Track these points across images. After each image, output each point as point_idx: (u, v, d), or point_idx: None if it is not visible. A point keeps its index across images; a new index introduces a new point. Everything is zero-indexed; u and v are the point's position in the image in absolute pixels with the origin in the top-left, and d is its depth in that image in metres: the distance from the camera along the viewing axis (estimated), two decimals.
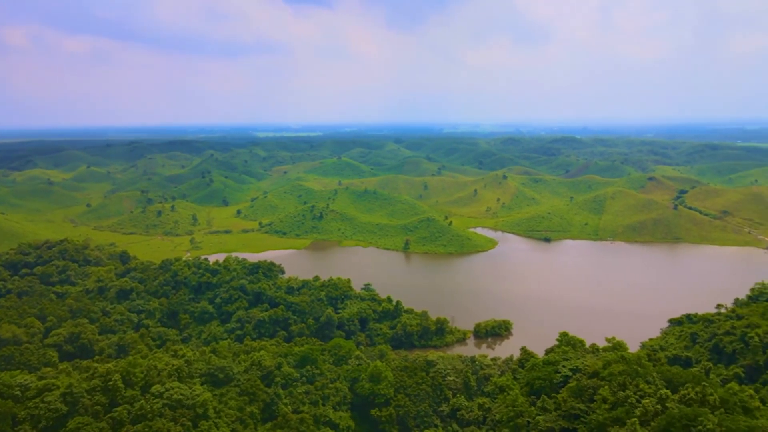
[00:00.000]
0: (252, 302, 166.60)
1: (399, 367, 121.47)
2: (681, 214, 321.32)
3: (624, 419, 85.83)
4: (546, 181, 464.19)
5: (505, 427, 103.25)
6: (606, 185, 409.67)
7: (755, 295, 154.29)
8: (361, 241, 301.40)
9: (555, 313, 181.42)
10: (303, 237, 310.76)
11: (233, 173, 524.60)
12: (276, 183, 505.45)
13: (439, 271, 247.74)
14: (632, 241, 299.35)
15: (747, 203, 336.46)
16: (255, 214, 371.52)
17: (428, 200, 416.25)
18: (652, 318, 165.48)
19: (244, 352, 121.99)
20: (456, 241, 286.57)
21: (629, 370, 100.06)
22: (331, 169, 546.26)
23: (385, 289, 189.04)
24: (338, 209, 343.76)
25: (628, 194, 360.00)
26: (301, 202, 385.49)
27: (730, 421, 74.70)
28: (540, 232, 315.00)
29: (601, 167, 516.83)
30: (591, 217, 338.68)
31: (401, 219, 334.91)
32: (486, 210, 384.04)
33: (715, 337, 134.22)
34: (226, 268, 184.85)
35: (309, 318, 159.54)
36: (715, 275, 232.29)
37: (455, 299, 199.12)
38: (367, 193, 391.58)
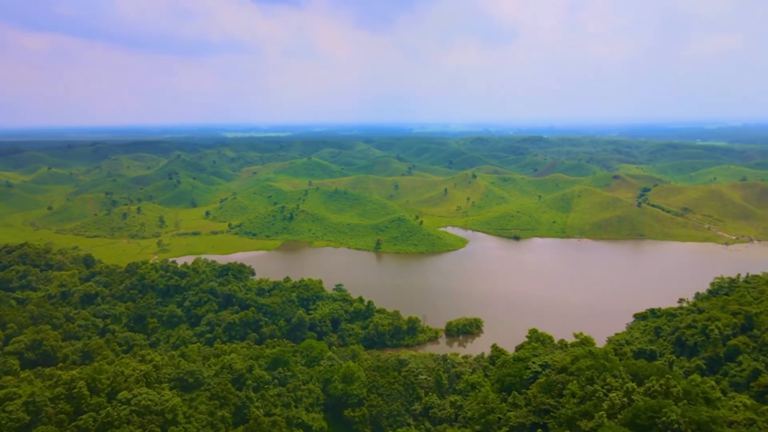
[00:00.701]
0: (222, 305, 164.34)
1: (371, 367, 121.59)
2: (644, 212, 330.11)
3: (592, 413, 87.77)
4: (515, 180, 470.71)
5: (476, 423, 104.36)
6: (573, 184, 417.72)
7: (715, 289, 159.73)
8: (332, 242, 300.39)
9: (525, 310, 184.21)
10: (273, 238, 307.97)
11: (201, 174, 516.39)
12: (245, 184, 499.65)
13: (410, 270, 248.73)
14: (598, 239, 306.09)
15: (706, 200, 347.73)
16: (224, 215, 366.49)
17: (399, 200, 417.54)
18: (618, 313, 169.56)
19: (215, 356, 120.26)
20: (427, 241, 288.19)
21: (597, 364, 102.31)
22: (302, 169, 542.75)
23: (356, 289, 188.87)
24: (309, 210, 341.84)
25: (594, 192, 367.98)
26: (271, 202, 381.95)
27: (693, 411, 77.13)
28: (509, 230, 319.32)
29: (568, 166, 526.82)
30: (559, 215, 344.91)
31: (372, 219, 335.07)
32: (456, 209, 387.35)
33: (678, 331, 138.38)
34: (195, 271, 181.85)
35: (280, 319, 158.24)
36: (677, 270, 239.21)
37: (427, 298, 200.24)
38: (337, 193, 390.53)
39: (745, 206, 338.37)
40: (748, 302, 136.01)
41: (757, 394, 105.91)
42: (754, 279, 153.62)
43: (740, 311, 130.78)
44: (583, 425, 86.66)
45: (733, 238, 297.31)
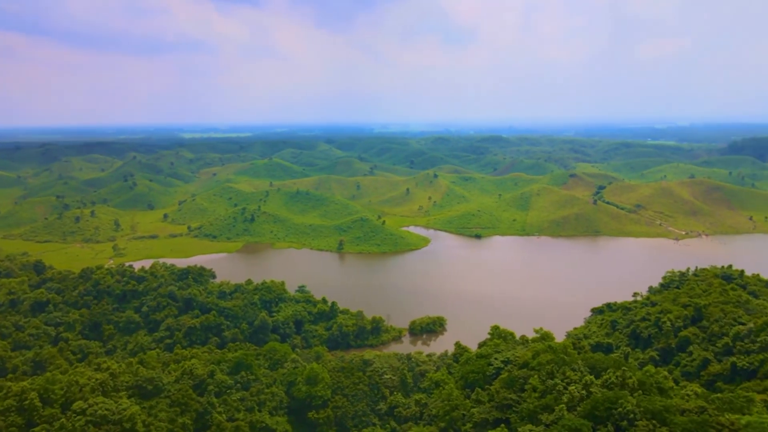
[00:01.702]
0: (182, 309, 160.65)
1: (336, 368, 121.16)
2: (600, 209, 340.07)
3: (552, 406, 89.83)
4: (475, 179, 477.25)
5: (441, 421, 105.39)
6: (531, 182, 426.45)
7: (666, 283, 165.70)
8: (294, 243, 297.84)
9: (487, 307, 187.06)
10: (234, 240, 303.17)
11: (158, 176, 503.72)
12: (205, 185, 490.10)
13: (373, 270, 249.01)
14: (557, 236, 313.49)
15: (658, 197, 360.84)
16: (183, 217, 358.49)
17: (361, 200, 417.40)
18: (576, 308, 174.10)
19: (175, 362, 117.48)
20: (389, 240, 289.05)
21: (556, 359, 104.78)
22: (262, 170, 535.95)
23: (320, 290, 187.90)
24: (270, 211, 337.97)
25: (552, 191, 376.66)
26: (231, 204, 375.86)
27: (647, 401, 79.94)
28: (470, 229, 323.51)
29: (527, 165, 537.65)
30: (518, 213, 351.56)
31: (335, 219, 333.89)
32: (418, 209, 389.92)
33: (633, 324, 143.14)
34: (153, 275, 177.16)
35: (242, 323, 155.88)
36: (631, 265, 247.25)
37: (390, 298, 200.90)
38: (299, 194, 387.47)
39: (694, 203, 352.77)
40: (697, 295, 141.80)
41: (706, 383, 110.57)
42: (703, 272, 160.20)
43: (690, 303, 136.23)
44: (544, 418, 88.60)
45: (683, 233, 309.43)
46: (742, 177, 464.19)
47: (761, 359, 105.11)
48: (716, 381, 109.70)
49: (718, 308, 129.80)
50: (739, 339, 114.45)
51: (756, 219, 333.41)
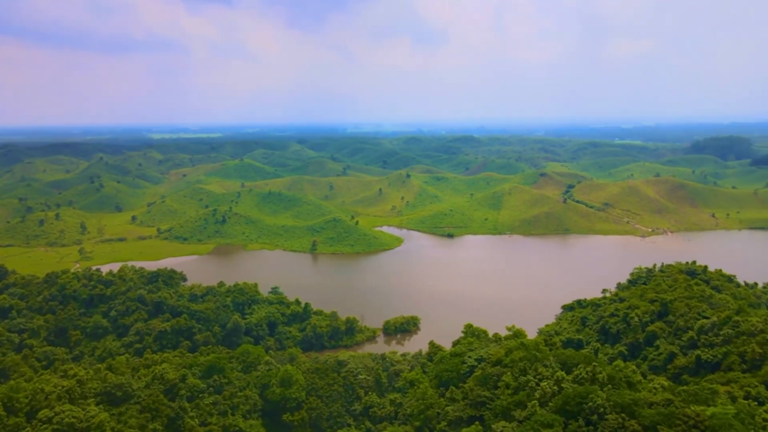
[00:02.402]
0: (152, 313, 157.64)
1: (310, 370, 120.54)
2: (570, 207, 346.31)
3: (525, 402, 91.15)
4: (447, 179, 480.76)
5: (416, 420, 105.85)
6: (503, 182, 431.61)
7: (634, 279, 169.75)
8: (267, 244, 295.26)
9: (460, 305, 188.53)
10: (205, 242, 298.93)
11: (126, 177, 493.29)
12: (175, 187, 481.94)
13: (347, 271, 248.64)
14: (528, 234, 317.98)
15: (625, 195, 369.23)
16: (152, 219, 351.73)
17: (334, 200, 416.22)
18: (548, 305, 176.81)
19: (145, 366, 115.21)
20: (363, 241, 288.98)
21: (529, 355, 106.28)
22: (234, 171, 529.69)
23: (293, 291, 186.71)
24: (242, 212, 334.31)
25: (523, 190, 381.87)
26: (202, 205, 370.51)
27: (617, 395, 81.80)
28: (443, 228, 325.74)
29: (498, 165, 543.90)
30: (490, 212, 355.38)
31: (308, 220, 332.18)
32: (391, 209, 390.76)
33: (602, 320, 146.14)
34: (122, 279, 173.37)
35: (215, 325, 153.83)
36: (600, 262, 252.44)
37: (364, 298, 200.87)
38: (271, 194, 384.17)
39: (659, 201, 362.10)
40: (663, 290, 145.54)
41: (673, 376, 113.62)
42: (668, 268, 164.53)
43: (657, 299, 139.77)
44: (517, 415, 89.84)
45: (650, 230, 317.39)
46: (705, 175, 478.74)
47: (724, 352, 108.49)
48: (682, 374, 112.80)
49: (683, 303, 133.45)
50: (704, 332, 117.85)
51: (718, 216, 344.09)
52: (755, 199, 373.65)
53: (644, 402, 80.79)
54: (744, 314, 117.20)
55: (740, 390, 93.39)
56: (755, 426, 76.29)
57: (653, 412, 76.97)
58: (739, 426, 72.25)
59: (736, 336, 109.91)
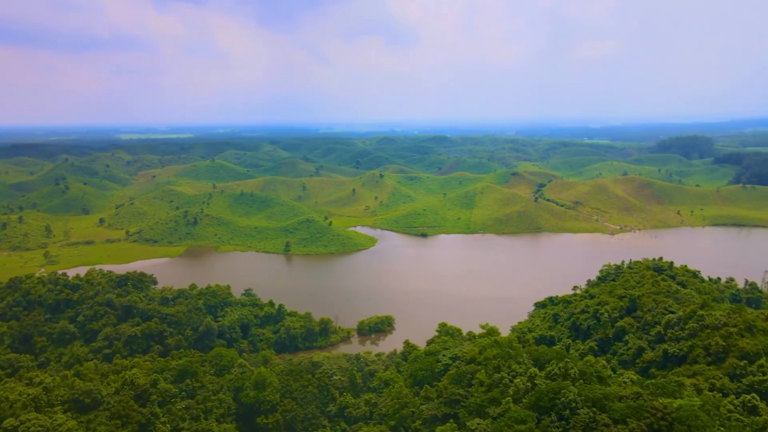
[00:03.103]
0: (121, 317, 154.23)
1: (284, 372, 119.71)
2: (541, 206, 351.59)
3: (499, 399, 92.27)
4: (420, 178, 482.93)
5: (391, 419, 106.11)
6: (475, 181, 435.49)
7: (603, 276, 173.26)
8: (239, 246, 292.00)
9: (434, 305, 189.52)
10: (176, 244, 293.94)
11: (93, 179, 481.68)
12: (144, 188, 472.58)
13: (321, 271, 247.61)
14: (500, 233, 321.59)
15: (594, 194, 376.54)
16: (121, 222, 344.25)
17: (307, 201, 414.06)
18: (520, 302, 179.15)
19: (114, 372, 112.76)
20: (337, 241, 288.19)
21: (502, 353, 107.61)
22: (205, 172, 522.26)
23: (267, 293, 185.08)
24: (214, 213, 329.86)
25: (495, 189, 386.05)
26: (173, 207, 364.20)
27: (588, 390, 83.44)
28: (417, 228, 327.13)
29: (471, 164, 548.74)
30: (463, 211, 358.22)
31: (281, 221, 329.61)
32: (365, 209, 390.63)
33: (573, 316, 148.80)
34: (89, 283, 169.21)
35: (187, 329, 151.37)
36: (571, 260, 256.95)
37: (338, 299, 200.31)
38: (244, 195, 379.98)
39: (627, 199, 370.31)
40: (631, 286, 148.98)
41: (641, 370, 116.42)
42: (636, 264, 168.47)
43: (625, 295, 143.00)
44: (491, 412, 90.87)
45: (618, 228, 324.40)
46: (670, 174, 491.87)
47: (690, 345, 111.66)
48: (650, 367, 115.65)
49: (651, 298, 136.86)
50: (670, 327, 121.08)
51: (683, 213, 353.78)
52: (717, 196, 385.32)
53: (614, 396, 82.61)
54: (708, 308, 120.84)
55: (705, 382, 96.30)
56: (720, 417, 78.75)
57: (623, 405, 78.76)
58: (705, 417, 74.46)
59: (700, 330, 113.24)
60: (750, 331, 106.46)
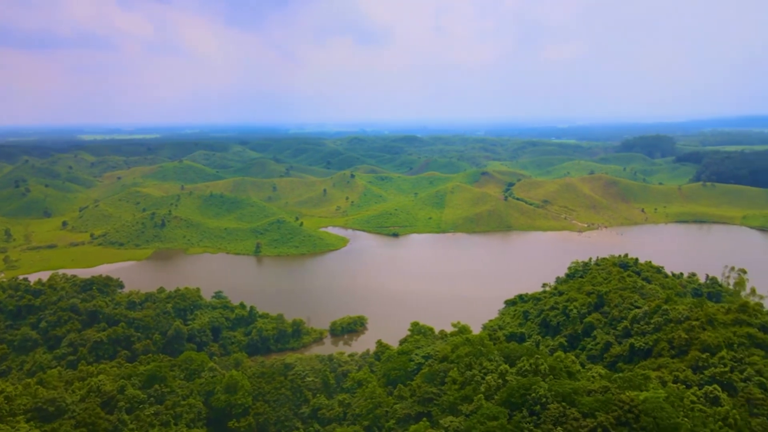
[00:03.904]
0: (86, 323, 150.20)
1: (256, 374, 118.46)
2: (510, 205, 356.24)
3: (471, 396, 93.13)
4: (392, 178, 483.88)
5: (364, 419, 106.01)
6: (446, 181, 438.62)
7: (572, 273, 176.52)
8: (209, 248, 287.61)
9: (406, 304, 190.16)
10: (144, 247, 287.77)
11: (56, 181, 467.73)
12: (109, 190, 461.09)
13: (292, 272, 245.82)
14: (471, 232, 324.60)
15: (562, 192, 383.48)
16: (85, 225, 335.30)
17: (278, 202, 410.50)
18: (491, 300, 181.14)
19: (79, 379, 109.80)
20: (308, 242, 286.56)
21: (474, 350, 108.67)
22: (172, 173, 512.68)
23: (238, 295, 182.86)
24: (182, 215, 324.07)
25: (465, 188, 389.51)
26: (139, 209, 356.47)
27: (558, 385, 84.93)
28: (388, 227, 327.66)
29: (441, 164, 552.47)
30: (434, 211, 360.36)
31: (251, 222, 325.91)
32: (336, 209, 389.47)
33: (543, 313, 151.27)
34: (52, 288, 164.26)
35: (155, 333, 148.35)
36: (540, 257, 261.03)
37: (310, 300, 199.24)
38: (213, 197, 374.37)
39: (594, 197, 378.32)
40: (599, 282, 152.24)
41: (609, 364, 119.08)
42: (603, 261, 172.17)
43: (593, 291, 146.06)
44: (463, 409, 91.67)
45: (585, 225, 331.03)
46: (635, 172, 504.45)
47: (655, 339, 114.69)
48: (618, 362, 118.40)
49: (617, 294, 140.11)
50: (636, 322, 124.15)
51: (647, 211, 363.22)
52: (679, 194, 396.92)
53: (583, 390, 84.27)
54: (672, 303, 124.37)
55: (670, 375, 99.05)
56: (684, 408, 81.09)
57: (591, 399, 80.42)
58: (669, 409, 76.60)
59: (665, 324, 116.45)
60: (711, 324, 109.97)
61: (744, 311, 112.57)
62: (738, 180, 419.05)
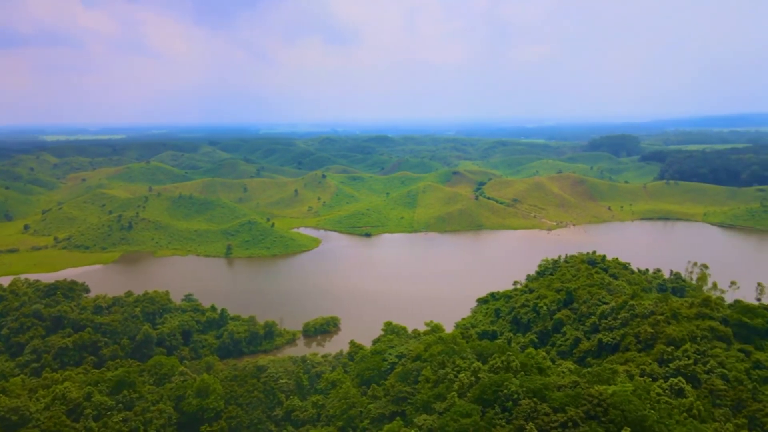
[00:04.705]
0: (50, 329, 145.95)
1: (228, 377, 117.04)
2: (481, 204, 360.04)
3: (445, 394, 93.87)
4: (363, 178, 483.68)
5: (339, 420, 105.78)
6: (418, 180, 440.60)
7: (542, 271, 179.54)
8: (178, 250, 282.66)
9: (379, 304, 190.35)
10: (110, 250, 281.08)
11: (17, 183, 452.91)
12: (73, 192, 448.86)
13: (264, 274, 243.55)
14: (443, 231, 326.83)
15: (531, 191, 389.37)
16: (48, 228, 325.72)
17: (249, 203, 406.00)
18: (464, 299, 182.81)
19: (44, 387, 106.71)
20: (280, 243, 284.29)
21: (447, 349, 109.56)
22: (140, 174, 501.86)
23: (208, 297, 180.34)
24: (150, 217, 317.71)
25: (437, 188, 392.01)
26: (105, 211, 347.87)
27: (529, 381, 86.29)
28: (360, 228, 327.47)
29: (413, 164, 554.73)
30: (406, 211, 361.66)
31: (221, 224, 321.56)
32: (308, 210, 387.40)
33: (514, 310, 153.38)
34: (14, 293, 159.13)
35: (123, 338, 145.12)
36: (511, 255, 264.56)
37: (283, 301, 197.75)
38: (182, 198, 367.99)
39: (562, 195, 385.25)
40: (568, 279, 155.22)
41: (578, 359, 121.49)
42: (572, 259, 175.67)
43: (562, 288, 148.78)
44: (437, 407, 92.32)
45: (554, 224, 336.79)
46: (602, 171, 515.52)
47: (622, 334, 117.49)
48: (586, 357, 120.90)
49: (586, 291, 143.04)
50: (604, 317, 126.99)
51: (614, 208, 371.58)
52: (644, 192, 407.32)
53: (554, 386, 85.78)
54: (638, 298, 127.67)
55: (636, 368, 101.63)
56: (650, 400, 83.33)
57: (562, 394, 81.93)
58: (637, 401, 78.61)
59: (631, 319, 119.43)
60: (675, 318, 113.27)
61: (706, 305, 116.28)
62: (699, 178, 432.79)
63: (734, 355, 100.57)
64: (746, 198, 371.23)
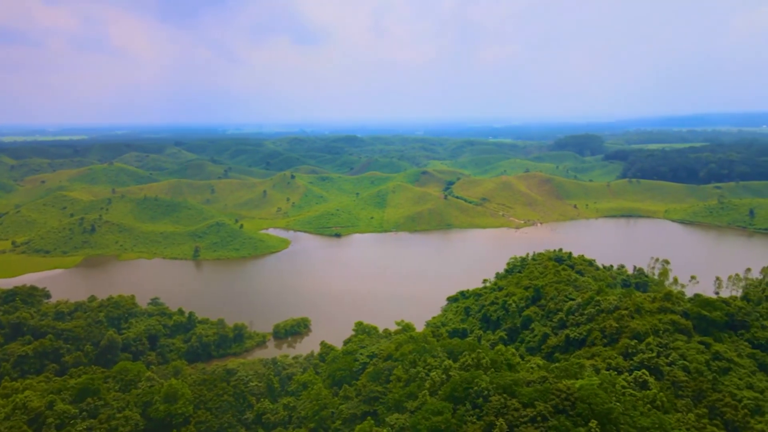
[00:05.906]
0: (9, 336, 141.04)
1: (197, 382, 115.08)
2: (450, 203, 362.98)
3: (416, 393, 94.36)
4: (333, 179, 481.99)
5: (310, 421, 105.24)
6: (387, 180, 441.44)
7: (510, 268, 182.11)
8: (144, 253, 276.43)
9: (350, 304, 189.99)
10: (72, 254, 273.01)
11: None
12: (32, 195, 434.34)
13: (233, 276, 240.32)
14: (413, 231, 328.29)
15: (499, 190, 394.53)
16: (5, 232, 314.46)
17: (216, 204, 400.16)
18: (434, 297, 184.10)
19: (3, 396, 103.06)
20: (249, 244, 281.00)
21: (418, 348, 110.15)
22: (102, 175, 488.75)
23: (176, 301, 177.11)
24: (114, 220, 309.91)
25: (406, 188, 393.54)
26: (66, 214, 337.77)
27: (499, 377, 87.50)
28: (330, 228, 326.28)
29: (382, 164, 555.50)
30: (376, 211, 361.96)
31: (188, 225, 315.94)
32: (277, 210, 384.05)
33: (484, 308, 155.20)
34: None
35: (86, 344, 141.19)
36: (480, 254, 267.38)
37: (252, 303, 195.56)
38: (147, 200, 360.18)
39: (530, 194, 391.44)
40: (536, 276, 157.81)
41: (546, 355, 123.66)
42: (540, 256, 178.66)
43: (530, 285, 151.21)
44: (409, 406, 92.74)
45: (522, 222, 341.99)
46: (567, 170, 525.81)
47: (588, 329, 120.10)
48: (554, 352, 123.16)
49: (553, 287, 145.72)
50: (571, 313, 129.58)
51: (579, 206, 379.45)
52: (608, 190, 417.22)
53: (523, 381, 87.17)
54: (603, 294, 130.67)
55: (603, 362, 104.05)
56: (616, 393, 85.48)
57: (531, 390, 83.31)
58: (603, 394, 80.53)
59: (597, 314, 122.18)
60: (639, 312, 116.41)
61: (668, 299, 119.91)
62: (660, 176, 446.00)
63: (695, 347, 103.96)
64: (704, 195, 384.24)
